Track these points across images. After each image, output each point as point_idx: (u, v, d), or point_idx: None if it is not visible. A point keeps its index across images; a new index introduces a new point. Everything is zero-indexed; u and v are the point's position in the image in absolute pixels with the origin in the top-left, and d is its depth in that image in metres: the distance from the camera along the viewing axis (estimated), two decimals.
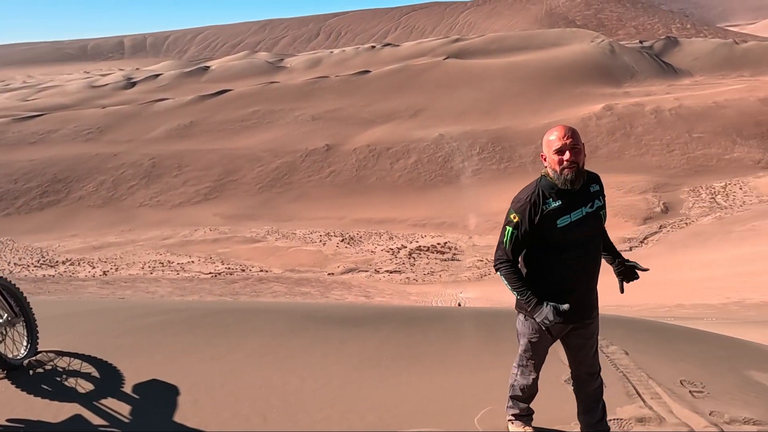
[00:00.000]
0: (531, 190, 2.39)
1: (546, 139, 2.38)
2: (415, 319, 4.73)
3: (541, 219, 2.31)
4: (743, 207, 32.36)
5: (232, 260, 32.24)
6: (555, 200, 2.34)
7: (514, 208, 2.37)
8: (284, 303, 6.99)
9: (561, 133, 2.35)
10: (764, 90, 51.46)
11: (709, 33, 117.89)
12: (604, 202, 2.48)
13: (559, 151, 2.31)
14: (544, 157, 2.40)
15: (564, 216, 2.33)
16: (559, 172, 2.31)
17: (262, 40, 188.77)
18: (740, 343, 4.28)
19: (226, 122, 57.56)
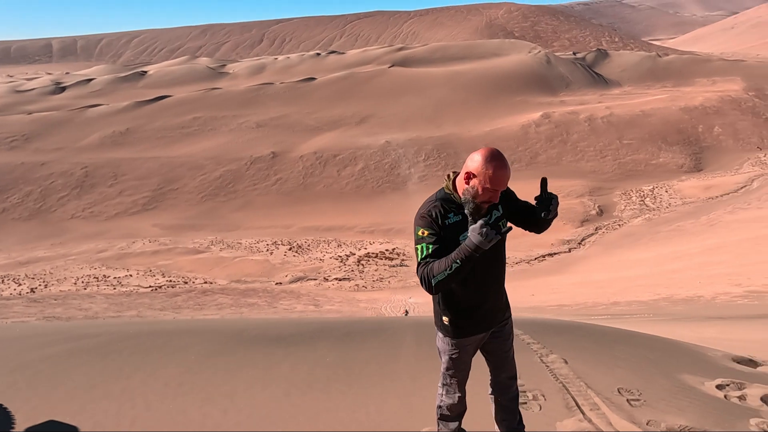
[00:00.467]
0: (431, 203, 2.31)
1: (487, 168, 2.21)
2: (353, 334, 4.47)
3: (445, 233, 2.24)
4: (669, 208, 34.60)
5: (174, 272, 30.94)
6: (455, 215, 2.27)
7: (420, 224, 2.27)
8: (213, 321, 6.31)
9: (506, 176, 2.21)
10: (685, 100, 55.43)
11: (635, 46, 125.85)
12: (504, 212, 2.40)
13: (494, 192, 2.21)
14: (469, 177, 2.24)
15: (465, 232, 2.24)
16: (472, 202, 2.23)
17: (202, 45, 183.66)
18: (671, 344, 4.38)
19: (166, 129, 55.41)
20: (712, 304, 12.49)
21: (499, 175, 2.19)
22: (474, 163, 2.23)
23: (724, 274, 15.69)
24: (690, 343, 4.46)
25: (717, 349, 4.37)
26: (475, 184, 2.22)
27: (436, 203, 2.29)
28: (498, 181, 2.19)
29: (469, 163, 2.24)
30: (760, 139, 48.18)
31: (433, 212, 2.26)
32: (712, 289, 14.12)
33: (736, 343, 5.46)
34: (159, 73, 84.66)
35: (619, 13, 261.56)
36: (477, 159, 2.23)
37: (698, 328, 6.96)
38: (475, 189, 2.21)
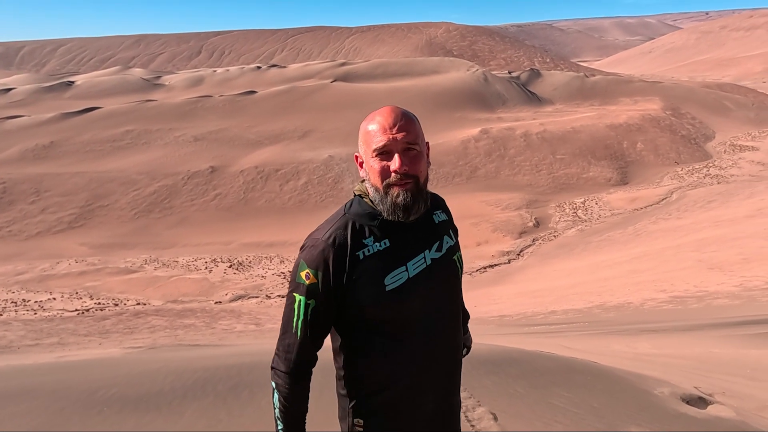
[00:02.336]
0: (335, 222, 1.43)
1: (363, 130, 1.47)
2: (240, 387, 3.54)
3: (356, 275, 1.35)
4: (599, 220, 36.54)
5: (103, 294, 29.05)
6: (378, 239, 1.38)
7: (306, 258, 1.38)
8: (71, 371, 5.05)
9: (388, 118, 1.41)
10: (610, 117, 59.15)
11: (565, 67, 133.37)
12: (457, 241, 1.56)
13: (383, 151, 1.37)
14: (360, 161, 1.49)
15: (396, 268, 1.37)
16: (383, 191, 1.38)
17: (136, 55, 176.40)
18: (614, 383, 3.93)
19: (94, 142, 52.46)
20: (641, 310, 13.18)
21: (373, 126, 1.41)
22: (359, 139, 1.51)
23: (650, 281, 16.67)
24: (632, 376, 4.23)
25: (662, 381, 4.15)
26: (365, 163, 1.44)
27: (345, 221, 1.41)
28: (373, 135, 1.38)
29: None
30: (677, 154, 52.13)
31: (336, 236, 1.37)
32: (640, 295, 14.92)
33: (673, 362, 5.59)
34: (88, 84, 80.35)
35: (550, 35, 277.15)
36: (359, 131, 1.51)
37: (633, 342, 7.22)
38: (367, 171, 1.43)
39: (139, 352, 7.87)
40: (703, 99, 70.45)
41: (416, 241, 1.44)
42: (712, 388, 4.02)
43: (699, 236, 22.98)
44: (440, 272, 1.45)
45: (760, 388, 4.19)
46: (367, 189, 1.47)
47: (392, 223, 1.42)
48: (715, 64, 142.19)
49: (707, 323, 8.43)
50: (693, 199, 36.01)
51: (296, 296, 1.39)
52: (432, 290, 1.43)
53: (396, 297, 1.36)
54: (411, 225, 1.44)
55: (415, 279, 1.39)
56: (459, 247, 1.57)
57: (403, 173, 1.36)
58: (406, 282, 1.38)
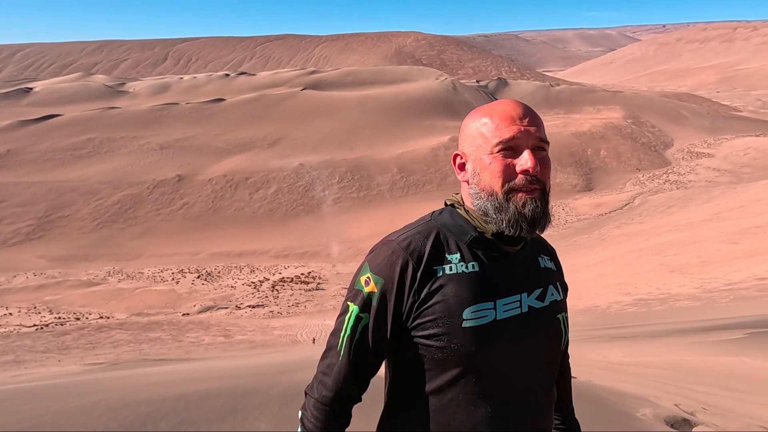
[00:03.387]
0: (416, 227, 1.14)
1: (477, 121, 1.12)
2: (187, 423, 3.06)
3: (428, 295, 1.07)
4: (566, 225, 37.34)
5: (64, 308, 27.96)
6: (466, 260, 1.10)
7: (371, 260, 1.11)
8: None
9: (516, 107, 1.10)
10: (575, 126, 60.75)
11: (531, 76, 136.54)
12: (565, 298, 1.23)
13: (509, 146, 1.07)
14: (463, 161, 1.15)
15: (481, 302, 1.07)
16: (502, 197, 1.08)
17: (98, 61, 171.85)
18: (597, 404, 3.64)
19: (54, 151, 50.64)
20: (607, 313, 13.48)
21: (492, 120, 1.10)
22: (461, 135, 1.18)
23: (615, 284, 17.09)
24: (611, 395, 4.08)
25: (642, 399, 4.04)
26: (472, 162, 1.12)
27: (431, 230, 1.13)
28: (498, 127, 1.08)
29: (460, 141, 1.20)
30: (638, 161, 53.86)
31: (414, 243, 1.10)
32: (606, 298, 15.28)
33: (646, 372, 5.60)
34: (47, 90, 77.69)
35: (516, 45, 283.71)
36: (464, 125, 1.18)
37: (605, 351, 7.30)
38: (476, 172, 1.11)
39: (100, 368, 7.53)
40: (662, 108, 73.22)
41: (513, 277, 1.11)
42: (691, 403, 3.91)
43: (660, 240, 23.74)
44: (538, 327, 1.11)
45: (738, 401, 4.20)
46: (467, 196, 1.14)
47: (486, 244, 1.10)
48: (672, 75, 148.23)
49: (674, 329, 8.66)
50: (654, 205, 37.21)
51: (350, 306, 1.10)
52: (523, 345, 1.09)
53: (473, 339, 1.04)
54: (511, 256, 1.12)
55: (504, 324, 1.06)
56: (566, 308, 1.20)
57: (534, 174, 1.06)
58: (491, 324, 1.05)
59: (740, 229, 20.93)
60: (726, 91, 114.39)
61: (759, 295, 11.73)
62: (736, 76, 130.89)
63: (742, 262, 15.73)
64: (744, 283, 13.22)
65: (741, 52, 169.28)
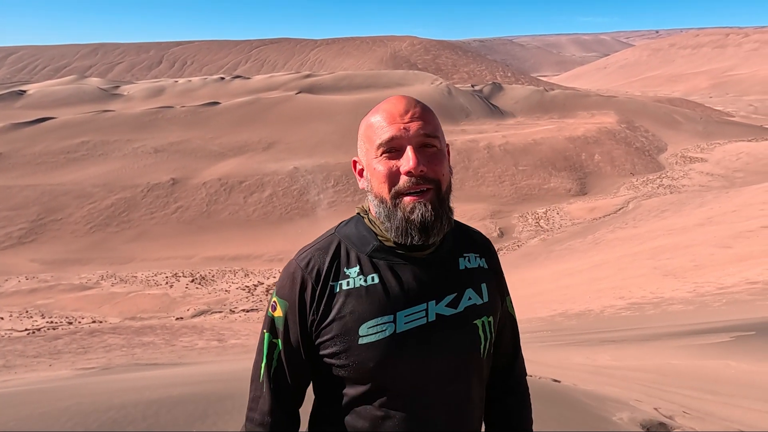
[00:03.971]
0: (318, 242, 1.11)
1: (365, 125, 1.11)
2: (158, 428, 3.01)
3: (326, 313, 1.03)
4: (561, 229, 37.48)
5: (56, 312, 27.73)
6: (365, 272, 1.04)
7: (278, 284, 1.09)
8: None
9: (397, 104, 1.06)
10: (569, 130, 61.06)
11: (525, 81, 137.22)
12: (496, 300, 1.15)
13: (390, 147, 1.02)
14: (360, 167, 1.12)
15: (378, 316, 1.01)
16: (390, 203, 1.02)
17: (93, 64, 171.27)
18: (574, 407, 3.69)
19: (47, 154, 50.38)
20: (600, 317, 13.51)
21: (378, 118, 1.06)
22: (358, 140, 1.16)
23: (609, 288, 17.14)
24: (591, 399, 4.07)
25: (622, 402, 4.02)
26: (366, 169, 1.08)
27: (326, 242, 1.09)
28: (381, 128, 1.03)
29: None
30: (632, 165, 54.17)
31: (310, 261, 1.05)
32: (600, 302, 15.31)
33: (632, 375, 5.62)
34: (40, 93, 77.33)
35: (510, 50, 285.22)
36: (358, 129, 1.16)
37: (592, 354, 7.31)
38: (369, 179, 1.06)
39: (91, 373, 7.46)
40: (655, 113, 73.75)
41: (419, 285, 1.02)
42: (673, 407, 3.90)
43: (654, 244, 23.85)
44: (447, 336, 1.02)
45: (719, 404, 4.21)
46: (370, 204, 1.08)
47: (389, 254, 1.03)
48: (665, 80, 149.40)
49: (664, 332, 8.68)
50: (648, 209, 37.43)
51: (263, 333, 1.06)
52: (429, 357, 1.01)
53: (370, 355, 0.97)
54: (419, 263, 1.04)
55: (403, 337, 0.99)
56: (494, 311, 1.11)
57: (420, 175, 0.98)
58: (389, 338, 0.98)
59: (733, 234, 21.07)
60: (718, 97, 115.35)
61: (751, 299, 11.79)
62: (728, 81, 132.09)
63: (734, 266, 15.83)
64: (736, 287, 13.30)
65: (733, 58, 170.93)
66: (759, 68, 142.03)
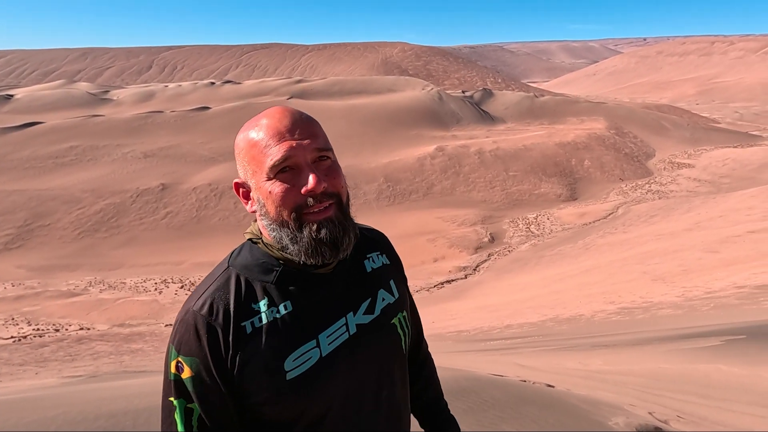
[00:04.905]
0: (213, 281, 1.02)
1: (245, 143, 1.02)
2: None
3: (243, 358, 0.94)
4: (551, 234, 37.67)
5: (43, 319, 27.32)
6: (275, 302, 0.98)
7: (175, 341, 0.97)
8: None
9: (282, 119, 1.01)
10: (559, 136, 61.54)
11: (515, 87, 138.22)
12: (404, 293, 1.15)
13: (284, 167, 0.97)
14: (244, 190, 1.06)
15: (301, 345, 0.96)
16: (294, 226, 0.97)
17: (82, 69, 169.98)
18: (566, 420, 3.63)
19: (35, 159, 49.83)
20: (591, 322, 13.57)
21: (260, 134, 1.00)
22: (236, 159, 1.07)
23: (600, 293, 17.24)
24: (586, 404, 4.06)
25: (616, 407, 4.01)
26: (255, 191, 1.02)
27: (222, 278, 1.02)
28: (265, 143, 0.98)
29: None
30: (621, 171, 54.68)
31: (212, 305, 0.97)
32: (590, 307, 15.39)
33: (625, 380, 5.63)
34: (29, 98, 76.54)
35: (501, 57, 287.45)
36: (235, 147, 1.08)
37: (585, 359, 7.33)
38: (261, 203, 1.01)
39: (78, 381, 7.35)
40: (644, 119, 74.60)
41: (334, 301, 1.00)
42: (666, 411, 3.94)
43: (643, 249, 24.05)
44: (371, 345, 1.01)
45: (712, 408, 4.23)
46: (262, 229, 1.01)
47: (296, 276, 0.98)
48: (653, 87, 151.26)
49: (655, 336, 8.74)
50: (637, 214, 37.76)
51: (173, 402, 0.93)
52: (358, 370, 0.99)
53: (301, 389, 0.92)
54: (327, 278, 1.00)
55: (331, 358, 0.95)
56: (405, 304, 1.10)
57: (323, 192, 0.94)
58: (317, 364, 0.94)
59: (720, 239, 21.31)
60: (705, 103, 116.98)
61: (738, 303, 11.91)
62: (714, 88, 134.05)
63: (722, 271, 15.99)
64: (724, 291, 13.43)
65: (719, 65, 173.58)
66: (744, 76, 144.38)
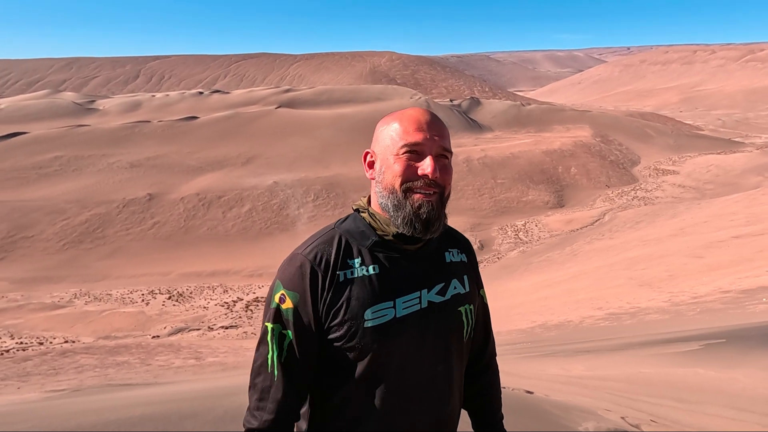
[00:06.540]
0: (320, 236, 1.20)
1: (388, 125, 1.20)
2: None
3: (333, 301, 1.12)
4: (539, 241, 37.91)
5: (26, 333, 26.81)
6: (366, 263, 1.14)
7: (281, 276, 1.17)
8: None
9: (424, 115, 1.18)
10: (545, 144, 62.15)
11: (502, 96, 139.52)
12: (478, 291, 1.31)
13: (414, 149, 1.14)
14: (372, 159, 1.22)
15: (381, 302, 1.12)
16: (401, 195, 1.14)
17: (67, 78, 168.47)
18: (537, 426, 3.63)
19: (18, 169, 49.14)
20: (579, 328, 13.64)
21: (400, 126, 1.17)
22: (374, 136, 1.25)
23: (587, 299, 17.34)
24: (559, 409, 4.05)
25: (589, 412, 4.01)
26: (379, 161, 1.20)
27: (334, 237, 1.18)
28: (404, 134, 1.14)
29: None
30: (607, 178, 55.32)
31: (320, 252, 1.15)
32: (578, 313, 15.47)
33: (603, 385, 5.62)
34: (12, 107, 75.60)
35: (487, 66, 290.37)
36: (377, 128, 1.25)
37: (567, 365, 7.33)
38: (381, 171, 1.18)
39: (60, 395, 7.21)
40: (628, 127, 75.65)
41: (413, 275, 1.16)
42: (640, 416, 3.95)
43: (629, 255, 24.28)
44: (438, 321, 1.15)
45: (686, 411, 4.25)
46: (373, 194, 1.20)
47: (388, 248, 1.16)
48: (637, 95, 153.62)
49: (638, 341, 8.79)
50: (623, 220, 38.16)
51: (269, 326, 1.13)
52: (423, 339, 1.14)
53: (375, 337, 1.08)
54: (412, 255, 1.17)
55: (403, 320, 1.11)
56: (473, 300, 1.25)
57: (434, 180, 1.13)
58: (391, 321, 1.10)
59: (704, 244, 21.59)
60: (688, 111, 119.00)
61: (723, 308, 12.05)
62: (696, 96, 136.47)
63: (707, 276, 16.18)
64: (710, 296, 13.59)
65: (701, 73, 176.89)
66: (725, 83, 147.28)
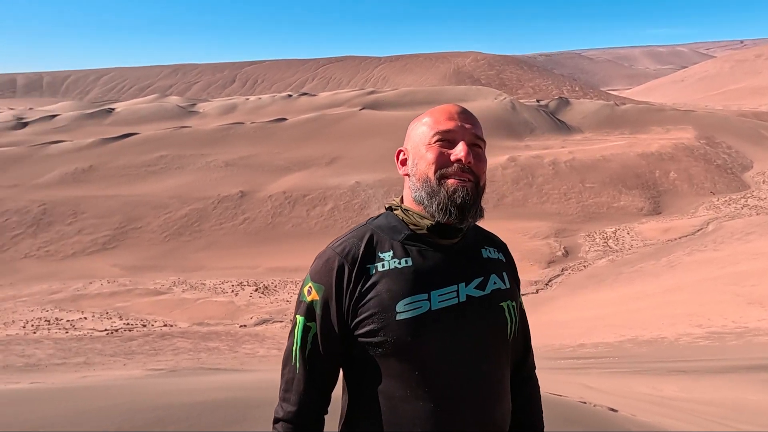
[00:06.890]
0: (352, 232, 1.21)
1: (420, 121, 1.24)
2: (198, 428, 3.24)
3: (363, 293, 1.09)
4: (631, 250, 35.50)
5: (132, 315, 29.55)
6: (398, 256, 1.11)
7: (311, 270, 1.19)
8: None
9: (453, 107, 1.21)
10: (641, 146, 58.07)
11: (594, 95, 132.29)
12: (516, 289, 1.24)
13: (446, 138, 1.14)
14: (405, 157, 1.24)
15: (414, 294, 1.07)
16: (435, 182, 1.11)
17: (173, 84, 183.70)
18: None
19: (130, 167, 54.33)
20: (675, 346, 12.60)
21: (431, 119, 1.20)
22: (406, 135, 1.28)
23: (685, 314, 15.96)
24: (647, 427, 3.71)
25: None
26: (412, 156, 1.21)
27: (365, 233, 1.16)
28: (435, 125, 1.16)
29: None
30: (712, 184, 50.57)
31: (350, 247, 1.13)
32: (674, 330, 14.29)
33: (700, 409, 5.18)
34: (127, 111, 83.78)
35: (579, 64, 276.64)
36: (409, 127, 1.30)
37: (659, 384, 6.78)
38: (415, 163, 1.18)
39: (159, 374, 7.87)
40: (739, 128, 68.61)
41: (449, 268, 1.10)
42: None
43: (737, 269, 22.03)
44: (478, 316, 1.08)
45: None
46: (406, 190, 1.19)
47: (420, 241, 1.12)
48: (751, 93, 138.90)
49: (745, 365, 7.93)
50: (730, 231, 34.69)
51: (297, 318, 1.15)
52: (461, 334, 1.06)
53: (408, 330, 1.02)
54: (447, 249, 1.12)
55: (438, 314, 1.04)
56: (516, 297, 1.18)
57: (468, 165, 1.10)
58: (425, 315, 1.03)
59: None
60: None
61: None
62: None
63: None
64: None
65: None
66: None
